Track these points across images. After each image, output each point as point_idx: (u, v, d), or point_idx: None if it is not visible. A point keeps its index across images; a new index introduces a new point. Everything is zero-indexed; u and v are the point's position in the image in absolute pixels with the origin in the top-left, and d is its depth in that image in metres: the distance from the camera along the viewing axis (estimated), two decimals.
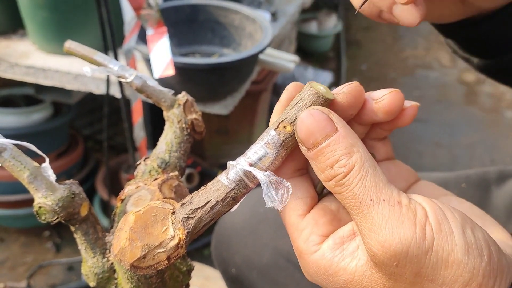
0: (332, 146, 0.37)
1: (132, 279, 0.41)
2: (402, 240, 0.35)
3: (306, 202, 0.43)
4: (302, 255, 0.41)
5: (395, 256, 0.35)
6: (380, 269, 0.37)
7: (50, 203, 0.43)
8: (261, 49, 1.32)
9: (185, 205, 0.40)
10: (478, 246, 0.35)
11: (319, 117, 0.38)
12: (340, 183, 0.37)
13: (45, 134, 1.86)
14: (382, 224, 0.35)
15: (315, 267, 0.41)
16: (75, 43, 0.54)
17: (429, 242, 0.35)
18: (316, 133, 0.38)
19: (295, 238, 0.42)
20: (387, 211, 0.35)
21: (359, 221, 0.37)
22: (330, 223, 0.42)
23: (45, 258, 1.94)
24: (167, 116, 0.55)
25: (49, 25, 1.46)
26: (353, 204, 0.37)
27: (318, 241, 0.41)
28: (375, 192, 0.36)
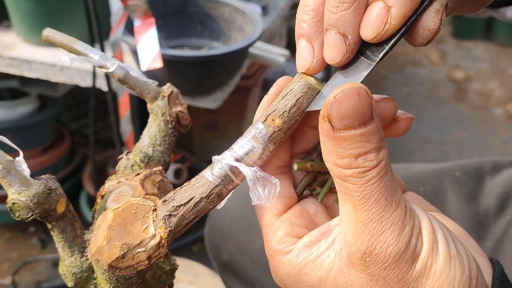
0: (367, 136, 0.34)
1: (111, 279, 0.39)
2: (400, 244, 0.34)
3: (284, 202, 0.40)
4: (275, 256, 0.39)
5: (388, 258, 0.34)
6: (365, 268, 0.35)
7: (24, 199, 0.41)
8: (251, 42, 1.30)
9: (167, 202, 0.38)
10: (460, 259, 0.35)
11: (365, 100, 0.33)
12: (361, 175, 0.34)
13: (30, 128, 1.82)
14: (388, 225, 0.34)
15: (288, 268, 0.38)
16: (54, 31, 0.52)
17: (419, 249, 0.34)
18: (355, 116, 0.33)
19: (268, 237, 0.40)
20: (396, 214, 0.34)
21: (363, 217, 0.34)
22: (306, 226, 0.40)
23: (30, 254, 1.91)
24: (151, 108, 0.53)
25: (34, 16, 1.42)
26: (365, 199, 0.34)
27: (292, 242, 0.39)
28: (390, 193, 0.34)
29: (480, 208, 0.75)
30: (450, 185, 0.78)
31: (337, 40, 0.36)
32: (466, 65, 3.56)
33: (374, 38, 0.35)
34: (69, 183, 2.00)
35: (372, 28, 0.35)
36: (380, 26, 0.34)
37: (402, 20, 0.34)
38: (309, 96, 0.38)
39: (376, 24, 0.34)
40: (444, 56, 3.68)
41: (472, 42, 3.83)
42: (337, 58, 0.37)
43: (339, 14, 0.35)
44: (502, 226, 0.72)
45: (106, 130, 2.27)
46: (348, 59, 0.37)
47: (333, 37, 0.36)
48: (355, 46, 0.36)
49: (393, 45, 0.35)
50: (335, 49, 0.36)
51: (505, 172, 0.78)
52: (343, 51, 0.36)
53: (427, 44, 0.36)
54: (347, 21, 0.35)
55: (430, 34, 0.35)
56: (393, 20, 0.34)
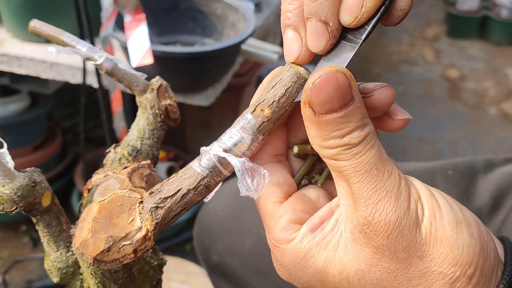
0: (348, 117, 0.34)
1: (96, 274, 0.38)
2: (398, 211, 0.34)
3: (283, 189, 0.39)
4: (279, 245, 0.38)
5: (389, 225, 0.33)
6: (368, 241, 0.35)
7: (8, 191, 0.40)
8: (243, 39, 1.29)
9: (154, 194, 0.37)
10: (467, 223, 0.34)
11: (343, 83, 0.34)
12: (347, 151, 0.35)
13: (21, 125, 1.81)
14: (383, 193, 0.34)
15: (293, 254, 0.38)
16: (41, 22, 0.51)
17: (421, 216, 0.34)
18: (335, 100, 0.34)
19: (271, 227, 0.39)
20: (389, 182, 0.34)
21: (358, 189, 0.34)
22: (309, 212, 0.39)
23: (22, 253, 1.89)
24: (140, 101, 0.52)
25: (23, 12, 1.41)
26: (356, 172, 0.34)
27: (296, 229, 0.38)
28: (381, 163, 0.35)
29: (473, 207, 0.74)
30: (443, 184, 0.78)
31: (318, 28, 0.36)
32: (461, 64, 3.57)
33: (352, 22, 0.35)
34: (61, 181, 1.98)
35: (349, 12, 0.35)
36: (357, 10, 0.35)
37: (378, 2, 0.34)
38: (299, 85, 0.37)
39: (353, 8, 0.35)
40: (439, 55, 3.69)
41: (466, 41, 3.84)
42: (321, 46, 0.37)
43: (318, 2, 0.35)
44: (495, 226, 0.71)
45: (98, 128, 2.26)
46: (331, 46, 0.37)
47: (314, 25, 0.36)
48: (337, 32, 0.37)
49: (374, 26, 0.35)
50: (318, 37, 0.37)
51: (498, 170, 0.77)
52: (326, 38, 0.37)
53: (397, 24, 0.36)
54: (326, 8, 0.35)
55: (402, 14, 0.35)
56: (368, 3, 0.34)
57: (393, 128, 0.42)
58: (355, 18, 0.35)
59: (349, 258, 0.36)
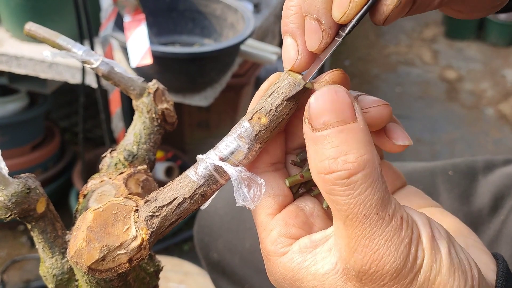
0: (346, 135, 0.32)
1: (91, 282, 0.37)
2: (398, 261, 0.32)
3: (278, 200, 0.39)
4: (269, 257, 0.38)
5: (386, 275, 0.32)
6: (362, 285, 0.33)
7: (2, 198, 0.39)
8: (242, 39, 1.29)
9: (150, 202, 0.36)
10: (462, 268, 0.33)
11: (343, 97, 0.32)
12: (343, 183, 0.31)
13: (20, 125, 1.80)
14: (382, 242, 0.32)
15: (283, 270, 0.37)
16: (36, 25, 0.50)
17: (420, 262, 0.32)
18: (332, 112, 0.32)
19: (263, 238, 0.38)
20: (390, 229, 0.32)
21: (355, 235, 0.32)
22: (300, 226, 0.38)
23: (19, 252, 1.88)
24: (136, 105, 0.51)
25: (22, 12, 1.40)
26: (354, 215, 0.32)
27: (286, 243, 0.37)
28: (382, 205, 0.32)
29: (473, 207, 0.74)
30: (443, 184, 0.77)
31: (312, 26, 0.36)
32: (458, 65, 3.57)
33: (341, 18, 0.35)
34: (59, 181, 1.97)
35: (338, 8, 0.34)
36: (345, 5, 0.34)
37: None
38: (297, 93, 0.36)
39: (342, 4, 0.34)
40: (437, 56, 3.69)
41: (464, 42, 3.84)
42: (315, 44, 0.36)
43: (310, 0, 0.35)
44: (495, 227, 0.71)
45: (97, 128, 2.25)
46: (326, 45, 0.36)
47: (309, 24, 0.36)
48: (331, 30, 0.36)
49: (358, 19, 0.35)
50: (312, 35, 0.36)
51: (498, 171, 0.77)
52: (319, 36, 0.36)
53: (385, 22, 0.35)
54: (318, 5, 0.35)
55: (387, 11, 0.34)
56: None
57: (391, 150, 0.41)
58: (344, 14, 0.34)
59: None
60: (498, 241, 0.70)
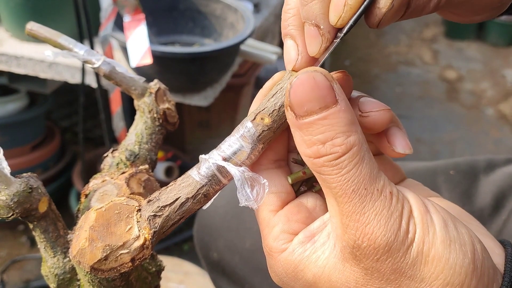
0: (330, 119, 0.32)
1: (93, 282, 0.37)
2: (388, 234, 0.32)
3: (280, 197, 0.39)
4: (271, 254, 0.38)
5: (378, 249, 0.32)
6: (358, 262, 0.34)
7: (4, 198, 0.39)
8: (242, 39, 1.29)
9: (152, 202, 0.36)
10: (461, 242, 0.33)
11: (322, 82, 0.33)
12: (332, 163, 0.33)
13: (20, 125, 1.80)
14: (372, 216, 0.32)
15: (285, 265, 0.37)
16: (38, 25, 0.50)
17: (412, 236, 0.33)
18: (314, 100, 0.33)
19: (265, 234, 0.38)
20: (379, 203, 0.33)
21: (345, 210, 0.33)
22: (303, 221, 0.38)
23: (19, 252, 1.88)
24: (138, 105, 0.51)
25: (22, 12, 1.40)
26: (343, 191, 0.33)
27: (288, 239, 0.37)
28: (370, 181, 0.33)
29: (475, 207, 0.74)
30: (444, 184, 0.77)
31: (311, 31, 0.36)
32: (459, 65, 3.57)
33: (337, 22, 0.35)
34: (59, 181, 1.97)
35: (333, 12, 0.35)
36: (340, 9, 0.34)
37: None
38: None
39: (336, 7, 0.34)
40: (437, 56, 3.69)
41: (464, 42, 3.84)
42: (315, 49, 0.36)
43: (308, 6, 0.35)
44: (497, 226, 0.71)
45: (97, 128, 2.25)
46: (325, 49, 0.36)
47: (308, 29, 0.36)
48: (330, 34, 0.36)
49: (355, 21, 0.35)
50: (312, 41, 0.36)
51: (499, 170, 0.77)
52: (319, 41, 0.36)
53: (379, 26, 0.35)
54: (316, 11, 0.35)
55: (380, 14, 0.34)
56: (350, 1, 0.34)
57: (390, 155, 0.41)
58: (339, 17, 0.34)
59: (338, 276, 0.35)
60: None
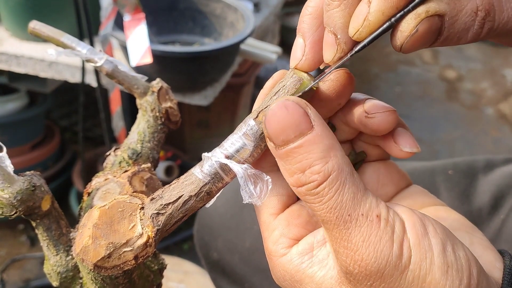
0: (306, 147, 0.32)
1: (97, 279, 0.38)
2: (379, 260, 0.32)
3: (282, 200, 0.39)
4: (271, 257, 0.38)
5: (370, 275, 0.32)
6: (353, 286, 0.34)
7: (7, 196, 0.39)
8: (242, 39, 1.29)
9: (155, 200, 0.36)
10: (458, 267, 0.32)
11: (294, 111, 0.33)
12: (313, 192, 0.32)
13: (19, 124, 1.80)
14: (359, 243, 0.32)
15: (282, 271, 0.37)
16: (41, 24, 0.50)
17: (406, 260, 0.32)
18: (288, 129, 0.32)
19: (265, 237, 0.38)
20: (365, 228, 0.32)
21: (333, 237, 0.33)
22: (303, 226, 0.38)
23: (19, 252, 1.88)
24: (140, 104, 0.51)
25: (22, 11, 1.40)
26: (328, 218, 0.32)
27: (287, 244, 0.37)
28: (353, 206, 0.32)
29: (473, 207, 0.74)
30: (443, 183, 0.78)
31: (329, 39, 0.35)
32: (458, 64, 3.57)
33: (354, 34, 0.34)
34: (59, 180, 1.97)
35: (353, 23, 0.33)
36: (359, 22, 0.33)
37: (381, 16, 0.32)
38: (301, 92, 0.36)
39: (356, 20, 0.33)
40: (437, 55, 3.69)
41: None
42: (329, 57, 0.36)
43: (329, 13, 0.34)
44: (495, 226, 0.71)
45: (97, 127, 2.25)
46: (340, 59, 0.36)
47: (326, 36, 0.35)
48: (346, 46, 0.35)
49: (371, 41, 0.34)
50: (327, 48, 0.36)
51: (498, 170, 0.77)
52: (334, 50, 0.35)
53: (402, 50, 0.33)
54: (336, 19, 0.34)
55: (402, 37, 0.32)
56: (371, 16, 0.32)
57: (398, 155, 0.41)
58: (357, 31, 0.33)
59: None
60: (498, 240, 0.70)
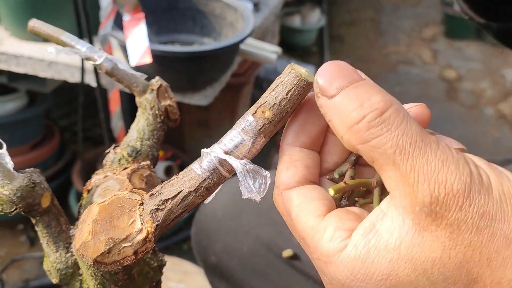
0: (362, 87, 0.32)
1: (96, 275, 0.38)
2: (463, 177, 0.30)
3: (326, 204, 0.36)
4: (330, 259, 0.33)
5: (458, 195, 0.30)
6: (439, 223, 0.30)
7: (7, 192, 0.40)
8: (242, 38, 1.29)
9: (155, 195, 0.37)
10: None
11: (345, 66, 0.34)
12: (378, 121, 0.31)
13: (19, 124, 1.80)
14: (439, 164, 0.30)
15: (349, 265, 0.33)
16: (40, 22, 0.50)
17: (486, 179, 0.31)
18: (341, 77, 0.33)
19: (316, 242, 0.34)
20: (441, 152, 0.31)
21: (409, 168, 0.30)
22: (356, 219, 0.35)
23: (19, 252, 1.88)
24: (139, 102, 0.52)
25: (22, 10, 1.40)
26: (400, 148, 0.31)
27: (345, 236, 0.33)
28: (424, 134, 0.31)
29: None
30: None
31: None
32: (458, 64, 3.58)
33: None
34: (59, 180, 1.97)
35: None
36: None
37: None
38: (300, 87, 0.37)
39: None
40: (436, 55, 3.70)
41: (464, 41, 3.85)
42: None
43: None
44: None
45: (96, 127, 2.25)
46: None
47: None
48: None
49: None
50: None
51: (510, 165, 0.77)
52: None
53: None
54: None
55: None
56: None
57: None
58: None
59: (419, 251, 0.31)
60: None
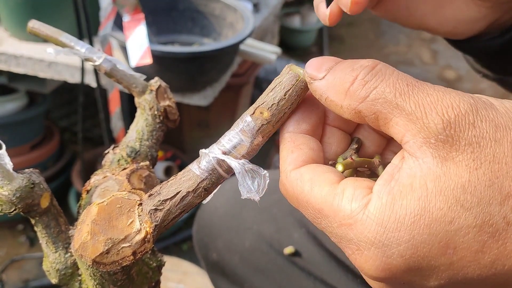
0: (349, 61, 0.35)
1: (95, 275, 0.38)
2: (467, 99, 0.31)
3: (337, 174, 0.35)
4: (354, 218, 0.32)
5: (467, 114, 0.31)
6: (459, 144, 0.30)
7: (6, 193, 0.40)
8: (241, 39, 1.29)
9: (153, 196, 0.37)
10: None
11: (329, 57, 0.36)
12: (371, 74, 0.33)
13: (19, 124, 1.80)
14: (440, 94, 0.32)
15: (376, 217, 0.31)
16: (39, 23, 0.51)
17: (487, 100, 0.32)
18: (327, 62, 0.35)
19: (337, 204, 0.33)
20: (437, 87, 0.32)
21: (414, 103, 0.31)
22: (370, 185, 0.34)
23: (18, 252, 1.88)
24: (139, 102, 0.52)
25: (21, 11, 1.41)
26: (399, 90, 0.32)
27: (366, 193, 0.33)
28: (415, 79, 0.33)
29: None
30: None
31: None
32: (458, 65, 3.58)
33: None
34: (58, 180, 1.97)
35: None
36: None
37: None
38: (298, 88, 0.37)
39: None
40: (436, 56, 3.70)
41: None
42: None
43: None
44: None
45: (96, 127, 2.25)
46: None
47: None
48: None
49: None
50: None
51: None
52: None
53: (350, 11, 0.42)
54: None
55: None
56: None
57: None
58: None
59: (447, 180, 0.30)
60: None
